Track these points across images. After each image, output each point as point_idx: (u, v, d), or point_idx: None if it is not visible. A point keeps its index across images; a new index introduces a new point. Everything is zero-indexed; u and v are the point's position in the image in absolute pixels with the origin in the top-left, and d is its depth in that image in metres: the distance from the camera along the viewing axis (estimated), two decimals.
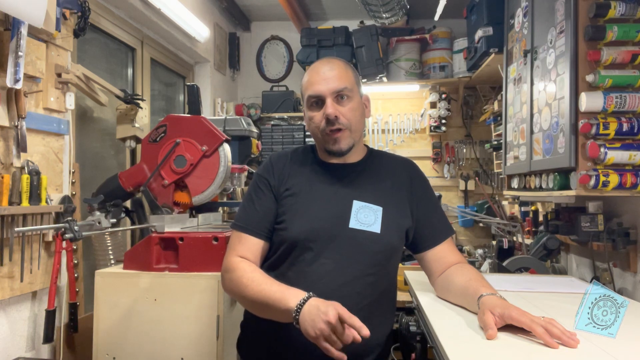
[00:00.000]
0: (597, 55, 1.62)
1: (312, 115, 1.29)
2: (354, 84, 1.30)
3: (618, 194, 1.61)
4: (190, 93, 2.14)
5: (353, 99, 1.29)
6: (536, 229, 2.75)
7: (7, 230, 1.62)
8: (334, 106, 1.25)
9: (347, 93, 1.27)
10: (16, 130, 1.65)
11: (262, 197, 1.32)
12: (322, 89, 1.26)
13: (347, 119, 1.27)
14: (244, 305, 1.27)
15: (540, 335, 0.97)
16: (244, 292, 1.19)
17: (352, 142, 1.30)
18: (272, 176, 1.33)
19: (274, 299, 1.12)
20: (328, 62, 1.31)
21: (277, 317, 1.14)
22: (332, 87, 1.26)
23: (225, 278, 1.27)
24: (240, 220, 1.32)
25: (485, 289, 1.16)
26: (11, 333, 1.71)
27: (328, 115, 1.24)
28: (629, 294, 1.82)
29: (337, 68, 1.29)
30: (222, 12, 3.77)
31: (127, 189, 1.97)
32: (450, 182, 3.92)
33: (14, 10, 1.49)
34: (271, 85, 4.11)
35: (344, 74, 1.28)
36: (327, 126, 1.26)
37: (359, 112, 1.31)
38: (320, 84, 1.26)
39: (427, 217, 1.35)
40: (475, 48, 3.04)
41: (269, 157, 1.39)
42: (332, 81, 1.26)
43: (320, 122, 1.27)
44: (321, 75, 1.28)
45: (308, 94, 1.29)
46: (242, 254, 1.28)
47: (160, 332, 1.74)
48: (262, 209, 1.30)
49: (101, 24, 2.43)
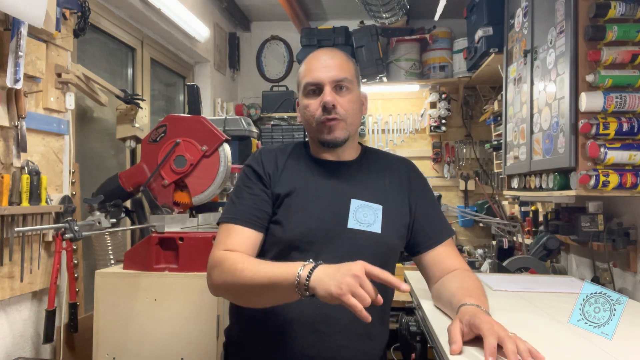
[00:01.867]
0: (597, 55, 1.62)
1: (307, 103, 1.22)
2: (354, 77, 1.25)
3: (618, 194, 1.61)
4: (190, 93, 2.14)
5: (352, 91, 1.23)
6: (536, 229, 2.75)
7: (7, 230, 1.62)
8: (332, 94, 1.19)
9: (346, 84, 1.21)
10: (16, 130, 1.65)
11: (252, 186, 1.23)
12: (321, 77, 1.20)
13: (345, 110, 1.20)
14: (240, 295, 1.12)
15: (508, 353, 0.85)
16: (239, 279, 1.05)
17: (348, 134, 1.23)
18: (261, 167, 1.24)
19: (277, 274, 0.99)
20: (329, 50, 1.26)
21: (281, 295, 1.01)
22: (332, 75, 1.20)
23: (212, 274, 1.13)
24: (228, 213, 1.20)
25: (471, 299, 1.06)
26: (11, 333, 1.71)
27: (326, 103, 1.18)
28: (629, 294, 1.82)
29: (339, 58, 1.23)
30: (222, 12, 3.77)
31: (127, 189, 1.97)
32: (450, 182, 3.92)
33: (14, 10, 1.49)
34: (271, 85, 4.11)
35: (345, 64, 1.24)
36: (323, 114, 1.19)
37: (357, 105, 1.25)
38: (320, 71, 1.20)
39: (425, 217, 1.28)
40: (475, 48, 3.04)
41: (258, 151, 1.31)
42: (332, 69, 1.20)
43: (316, 110, 1.20)
44: (322, 62, 1.22)
45: (306, 81, 1.22)
46: (231, 247, 1.14)
47: (160, 332, 1.74)
48: (252, 198, 1.20)
49: (101, 24, 2.43)
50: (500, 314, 1.13)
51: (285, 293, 0.99)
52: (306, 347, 1.14)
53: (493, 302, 1.18)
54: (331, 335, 1.14)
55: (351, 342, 1.16)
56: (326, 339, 1.14)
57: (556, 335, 1.08)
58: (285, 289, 0.98)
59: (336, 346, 1.15)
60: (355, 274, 0.90)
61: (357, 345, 1.17)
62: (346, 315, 1.14)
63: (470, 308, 1.01)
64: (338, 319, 1.14)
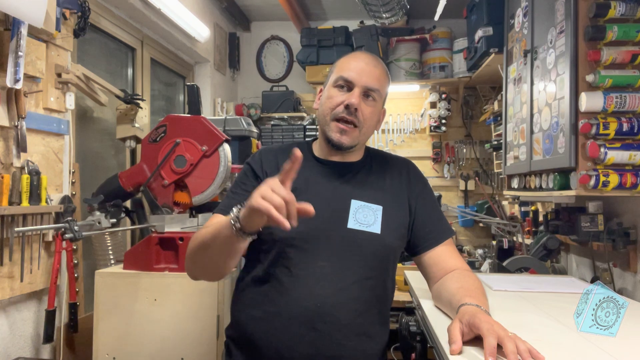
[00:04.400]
0: (597, 55, 1.62)
1: (333, 95, 1.24)
2: (384, 92, 1.28)
3: (618, 194, 1.61)
4: (190, 93, 2.14)
5: (377, 105, 1.26)
6: (536, 229, 2.75)
7: (7, 230, 1.62)
8: (359, 99, 1.21)
9: (375, 96, 1.24)
10: (16, 130, 1.65)
11: (247, 182, 1.27)
12: (356, 78, 1.22)
13: (364, 118, 1.22)
14: (197, 258, 1.14)
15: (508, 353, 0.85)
16: (194, 243, 1.11)
17: (356, 142, 1.25)
18: (259, 166, 1.28)
19: (220, 222, 1.04)
20: (374, 59, 1.28)
21: (225, 242, 1.03)
22: (367, 81, 1.22)
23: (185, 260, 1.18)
24: (221, 205, 1.26)
25: (470, 299, 1.06)
26: (11, 333, 1.71)
27: (350, 104, 1.20)
28: (629, 294, 1.82)
29: (379, 70, 1.26)
30: (222, 12, 3.77)
31: (127, 189, 1.97)
32: (450, 182, 3.92)
33: (14, 10, 1.49)
34: (271, 85, 4.11)
35: (382, 78, 1.26)
36: (343, 112, 1.21)
37: (376, 119, 1.28)
38: (358, 72, 1.22)
39: (425, 217, 1.29)
40: (475, 48, 3.04)
41: (259, 150, 1.34)
42: (370, 77, 1.23)
43: (337, 105, 1.22)
44: (363, 64, 1.24)
45: (341, 75, 1.23)
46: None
47: (160, 332, 1.74)
48: (244, 193, 1.22)
49: (101, 24, 2.43)
50: (500, 314, 1.14)
51: (227, 235, 1.01)
52: (306, 346, 1.14)
53: (493, 302, 1.18)
54: (331, 333, 1.14)
55: (350, 341, 1.16)
56: (326, 338, 1.14)
57: (556, 335, 1.08)
58: (225, 230, 1.01)
59: (335, 345, 1.15)
60: (267, 183, 0.92)
61: (356, 344, 1.17)
62: (346, 315, 1.14)
63: (470, 308, 1.01)
64: (338, 318, 1.15)
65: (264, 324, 1.18)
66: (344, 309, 1.14)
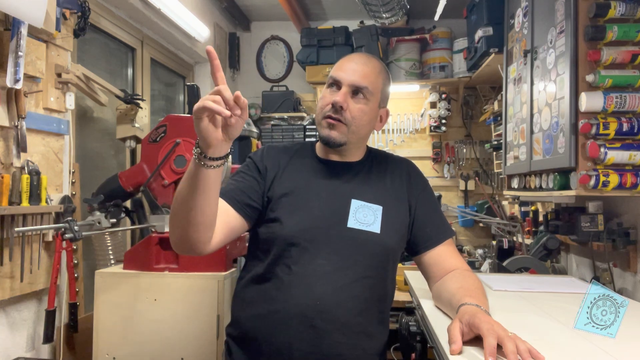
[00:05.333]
0: (597, 55, 1.62)
1: (325, 95, 1.26)
2: (377, 90, 1.26)
3: (618, 194, 1.61)
4: (190, 93, 2.14)
5: (368, 102, 1.24)
6: (536, 229, 2.75)
7: (7, 230, 1.62)
8: (345, 96, 1.22)
9: (365, 93, 1.23)
10: (16, 130, 1.65)
11: (247, 172, 1.27)
12: (343, 76, 1.23)
13: (352, 116, 1.22)
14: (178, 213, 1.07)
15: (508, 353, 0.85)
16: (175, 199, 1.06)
17: (346, 139, 1.24)
18: (260, 161, 1.28)
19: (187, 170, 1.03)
20: (366, 58, 1.28)
21: (194, 177, 1.00)
22: (353, 79, 1.22)
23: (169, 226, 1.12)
24: (222, 190, 1.20)
25: (470, 299, 1.06)
26: (11, 333, 1.71)
27: (334, 103, 1.21)
28: (629, 294, 1.82)
29: (370, 67, 1.25)
30: (222, 12, 3.77)
31: (127, 189, 1.97)
32: (450, 182, 3.92)
33: (14, 10, 1.49)
34: (271, 85, 4.11)
35: (374, 76, 1.25)
36: (330, 110, 1.22)
37: (368, 117, 1.25)
38: (345, 71, 1.24)
39: (425, 217, 1.30)
40: (475, 48, 3.05)
41: (263, 147, 1.35)
42: (356, 75, 1.23)
43: (327, 104, 1.23)
44: (352, 64, 1.25)
45: (331, 74, 1.26)
46: None
47: (160, 332, 1.74)
48: (243, 184, 1.24)
49: (101, 24, 2.43)
50: (500, 314, 1.14)
51: (193, 169, 0.99)
52: (305, 343, 1.15)
53: (493, 302, 1.18)
54: (330, 331, 1.15)
55: (350, 339, 1.17)
56: (325, 336, 1.15)
57: (556, 335, 1.08)
58: (192, 166, 0.99)
59: (335, 343, 1.15)
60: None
61: (355, 342, 1.18)
62: (345, 313, 1.14)
63: (470, 308, 1.02)
64: (337, 316, 1.15)
65: (263, 322, 1.18)
66: (343, 307, 1.14)
